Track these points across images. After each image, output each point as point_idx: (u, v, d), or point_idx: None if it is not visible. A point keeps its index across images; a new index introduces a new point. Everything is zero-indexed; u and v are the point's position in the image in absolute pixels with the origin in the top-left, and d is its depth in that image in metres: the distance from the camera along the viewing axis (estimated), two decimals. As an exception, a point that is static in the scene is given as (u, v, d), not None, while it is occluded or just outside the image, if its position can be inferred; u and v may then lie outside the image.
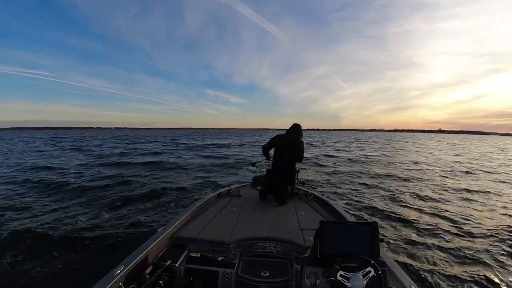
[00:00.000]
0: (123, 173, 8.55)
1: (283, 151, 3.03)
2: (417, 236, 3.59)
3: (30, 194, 5.79)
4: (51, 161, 11.66)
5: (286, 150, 3.00)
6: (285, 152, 3.00)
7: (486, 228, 3.92)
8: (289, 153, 2.99)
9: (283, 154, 3.02)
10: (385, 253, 1.55)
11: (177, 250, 1.75)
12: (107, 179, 7.27)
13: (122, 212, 4.45)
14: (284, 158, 3.00)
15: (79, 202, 5.12)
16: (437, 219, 4.32)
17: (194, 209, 2.39)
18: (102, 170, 9.17)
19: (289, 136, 3.09)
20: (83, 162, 11.17)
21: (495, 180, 8.21)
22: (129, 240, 3.23)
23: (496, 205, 5.27)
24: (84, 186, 6.41)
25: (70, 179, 7.33)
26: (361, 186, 6.93)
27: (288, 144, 3.01)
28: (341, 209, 2.48)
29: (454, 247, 3.25)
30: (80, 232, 3.52)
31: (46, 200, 5.25)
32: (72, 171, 8.78)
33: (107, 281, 1.20)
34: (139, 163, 11.06)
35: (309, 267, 1.22)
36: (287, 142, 3.03)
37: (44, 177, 7.63)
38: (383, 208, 4.81)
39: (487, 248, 3.24)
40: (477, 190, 6.63)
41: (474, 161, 13.75)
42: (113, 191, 6.01)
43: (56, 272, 2.59)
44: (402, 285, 1.29)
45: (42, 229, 3.59)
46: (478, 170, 10.26)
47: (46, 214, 4.32)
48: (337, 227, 1.24)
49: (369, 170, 9.67)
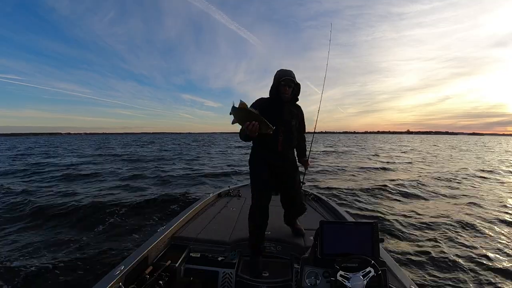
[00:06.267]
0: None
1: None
2: (417, 236, 3.59)
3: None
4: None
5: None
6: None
7: (489, 226, 3.92)
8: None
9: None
10: (385, 253, 1.54)
11: (177, 250, 1.74)
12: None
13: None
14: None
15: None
16: (437, 218, 4.31)
17: (194, 209, 2.38)
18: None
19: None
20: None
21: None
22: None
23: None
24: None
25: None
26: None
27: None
28: (341, 209, 2.48)
29: (455, 247, 3.25)
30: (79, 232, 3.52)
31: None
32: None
33: (107, 281, 1.20)
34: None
35: (309, 267, 1.22)
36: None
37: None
38: (383, 208, 4.81)
39: (490, 246, 3.24)
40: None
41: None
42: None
43: (56, 272, 2.59)
44: (402, 285, 1.29)
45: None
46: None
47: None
48: (337, 227, 1.24)
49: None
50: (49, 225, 3.89)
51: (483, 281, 2.56)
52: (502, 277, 2.63)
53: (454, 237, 3.58)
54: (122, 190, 6.31)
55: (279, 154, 1.79)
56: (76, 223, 3.98)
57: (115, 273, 1.26)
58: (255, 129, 1.38)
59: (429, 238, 3.51)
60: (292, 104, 1.87)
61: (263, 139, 1.68)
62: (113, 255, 2.90)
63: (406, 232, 3.73)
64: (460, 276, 2.63)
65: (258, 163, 1.81)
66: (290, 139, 1.80)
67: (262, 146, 1.81)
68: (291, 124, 1.80)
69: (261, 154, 1.82)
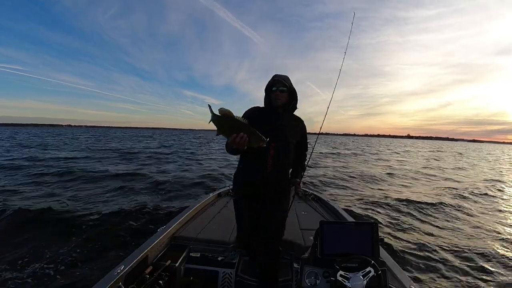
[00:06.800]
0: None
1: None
2: (417, 236, 3.58)
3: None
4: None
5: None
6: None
7: (489, 227, 3.92)
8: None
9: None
10: (385, 253, 1.55)
11: (177, 250, 1.74)
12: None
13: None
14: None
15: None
16: (438, 219, 4.31)
17: (194, 209, 2.38)
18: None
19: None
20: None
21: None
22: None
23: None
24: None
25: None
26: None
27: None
28: (341, 209, 2.48)
29: (456, 247, 3.25)
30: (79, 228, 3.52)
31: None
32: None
33: (107, 281, 1.20)
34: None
35: (309, 267, 1.22)
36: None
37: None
38: (383, 209, 4.80)
39: (489, 248, 3.24)
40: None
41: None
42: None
43: (56, 272, 2.59)
44: (402, 285, 1.29)
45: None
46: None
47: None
48: (337, 227, 1.24)
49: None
50: (48, 225, 3.88)
51: (483, 281, 2.57)
52: (502, 278, 2.63)
53: (455, 237, 3.58)
54: (122, 191, 6.30)
55: (267, 177, 1.39)
56: (76, 223, 3.97)
57: (115, 273, 1.26)
58: (244, 143, 1.11)
59: (429, 239, 3.51)
60: (290, 115, 1.50)
61: (250, 156, 1.34)
62: (113, 255, 2.89)
63: (406, 232, 3.73)
64: (460, 276, 2.63)
65: (240, 191, 1.48)
66: (283, 158, 1.41)
67: (247, 165, 1.45)
68: (287, 140, 1.42)
69: (243, 177, 1.46)
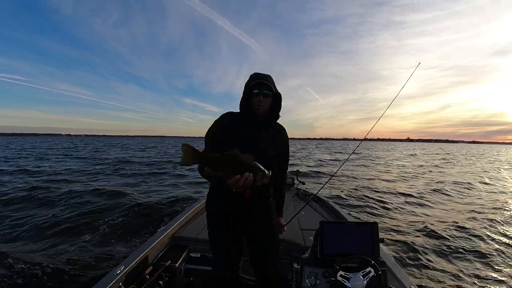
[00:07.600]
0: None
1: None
2: (417, 236, 3.58)
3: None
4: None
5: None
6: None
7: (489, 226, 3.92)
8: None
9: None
10: (385, 253, 1.55)
11: (177, 250, 1.74)
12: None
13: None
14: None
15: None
16: (438, 219, 4.31)
17: (194, 209, 2.38)
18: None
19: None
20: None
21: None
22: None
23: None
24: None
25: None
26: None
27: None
28: (341, 209, 2.48)
29: (455, 247, 3.25)
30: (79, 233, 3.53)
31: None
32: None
33: (107, 281, 1.20)
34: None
35: (309, 267, 1.22)
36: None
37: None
38: (383, 209, 4.80)
39: (489, 248, 3.24)
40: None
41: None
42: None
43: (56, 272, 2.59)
44: (402, 285, 1.29)
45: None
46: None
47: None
48: (337, 227, 1.24)
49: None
50: (48, 226, 3.88)
51: (482, 281, 2.57)
52: (503, 277, 2.63)
53: (455, 237, 3.58)
54: (121, 191, 6.31)
55: (246, 202, 1.18)
56: (76, 225, 3.97)
57: (115, 273, 1.26)
58: (249, 184, 0.89)
59: (429, 239, 3.51)
60: (271, 124, 1.24)
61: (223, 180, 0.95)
62: (113, 255, 2.90)
63: (406, 232, 3.73)
64: (460, 276, 2.63)
65: (214, 216, 1.24)
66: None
67: (220, 190, 1.19)
68: (267, 154, 1.18)
69: (218, 203, 1.22)
